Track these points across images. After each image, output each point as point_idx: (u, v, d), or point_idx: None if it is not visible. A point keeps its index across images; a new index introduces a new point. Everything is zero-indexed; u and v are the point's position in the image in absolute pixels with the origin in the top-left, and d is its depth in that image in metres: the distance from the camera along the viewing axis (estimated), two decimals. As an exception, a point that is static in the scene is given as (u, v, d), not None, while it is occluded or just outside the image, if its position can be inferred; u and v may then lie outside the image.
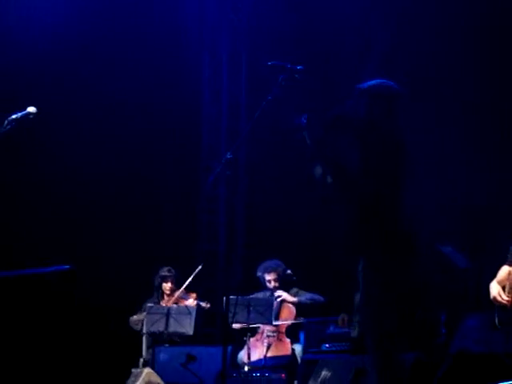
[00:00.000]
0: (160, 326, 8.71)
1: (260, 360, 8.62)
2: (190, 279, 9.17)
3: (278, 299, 8.96)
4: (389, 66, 9.05)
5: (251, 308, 8.45)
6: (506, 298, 6.22)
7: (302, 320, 8.83)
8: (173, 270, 9.47)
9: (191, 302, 9.23)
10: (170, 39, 10.42)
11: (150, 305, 8.97)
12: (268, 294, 9.09)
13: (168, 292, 9.42)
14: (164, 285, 9.45)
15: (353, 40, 9.99)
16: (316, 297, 9.06)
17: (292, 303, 9.00)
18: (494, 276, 6.45)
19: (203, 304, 9.27)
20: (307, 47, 9.94)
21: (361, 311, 5.38)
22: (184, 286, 9.21)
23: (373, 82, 5.44)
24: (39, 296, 9.21)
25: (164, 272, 9.45)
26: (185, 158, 10.91)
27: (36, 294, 9.09)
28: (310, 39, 10.23)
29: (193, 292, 9.45)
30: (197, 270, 9.16)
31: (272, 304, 8.65)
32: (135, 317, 9.17)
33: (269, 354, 8.63)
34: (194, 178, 11.05)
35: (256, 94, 10.24)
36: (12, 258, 7.58)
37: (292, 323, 8.90)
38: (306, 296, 9.09)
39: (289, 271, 9.10)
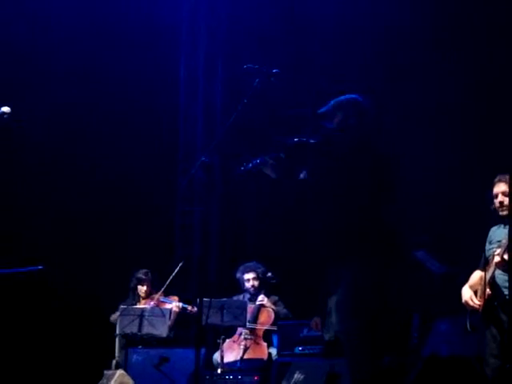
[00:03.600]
0: (133, 328, 8.65)
1: (235, 362, 8.63)
2: (170, 278, 9.08)
3: (258, 302, 8.96)
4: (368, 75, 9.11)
5: (225, 310, 8.46)
6: (478, 303, 6.25)
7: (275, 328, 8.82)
8: (149, 274, 9.41)
9: (175, 304, 9.14)
10: (146, 40, 10.40)
11: (123, 306, 8.86)
12: (247, 296, 9.09)
13: (143, 295, 9.36)
14: (139, 287, 9.38)
15: (331, 42, 10.01)
16: (289, 315, 9.09)
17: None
18: (466, 281, 6.49)
19: (189, 307, 9.20)
20: (284, 49, 9.96)
21: (340, 312, 5.38)
22: (163, 288, 9.15)
23: (341, 97, 5.52)
24: (11, 296, 9.15)
25: (140, 274, 9.38)
26: (162, 161, 10.87)
27: (8, 294, 9.03)
28: (287, 41, 10.25)
29: (174, 295, 9.39)
30: (178, 268, 9.09)
31: (246, 306, 8.65)
32: (114, 316, 9.10)
33: (245, 357, 8.66)
34: (171, 181, 11.03)
35: (232, 96, 10.28)
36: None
37: (270, 326, 8.90)
38: (283, 310, 9.11)
39: (269, 274, 9.08)
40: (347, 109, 5.50)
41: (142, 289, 9.37)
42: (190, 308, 9.16)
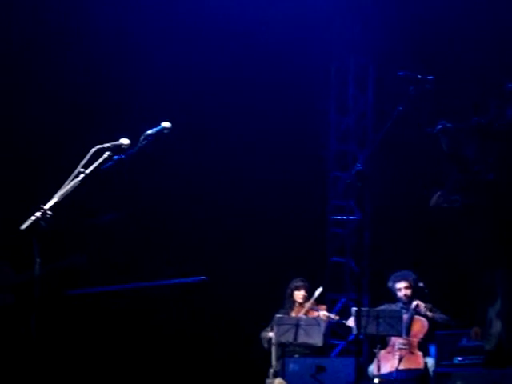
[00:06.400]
0: (289, 337, 8.72)
1: (391, 373, 8.55)
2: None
3: (413, 305, 8.86)
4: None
5: (381, 320, 8.39)
6: None
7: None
8: (306, 281, 9.50)
9: (322, 314, 9.21)
10: (297, 50, 10.45)
11: (279, 316, 8.97)
12: (399, 305, 9.00)
13: (300, 301, 9.43)
14: (296, 293, 9.47)
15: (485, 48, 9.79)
16: (449, 320, 8.92)
17: (425, 316, 8.87)
18: None
19: (333, 316, 9.26)
20: (435, 57, 9.81)
21: (504, 322, 5.26)
22: (314, 297, 9.23)
23: None
24: (174, 306, 9.40)
25: (297, 282, 9.49)
26: (312, 169, 10.93)
27: (171, 304, 9.28)
28: (438, 49, 10.10)
29: (322, 304, 9.46)
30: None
31: (401, 316, 8.56)
32: (264, 333, 9.23)
33: (400, 367, 8.55)
34: (321, 189, 11.06)
35: (383, 104, 10.20)
36: (149, 269, 7.80)
37: (425, 336, 8.79)
38: (440, 315, 8.96)
39: (421, 284, 8.96)
40: None
41: (300, 294, 9.44)
42: (333, 316, 9.23)
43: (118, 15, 9.83)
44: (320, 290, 9.27)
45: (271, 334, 9.01)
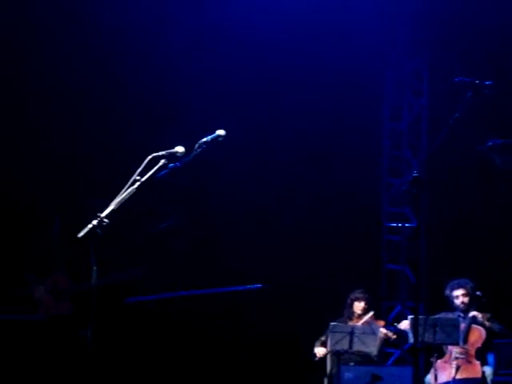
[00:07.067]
0: (344, 345, 8.66)
1: (448, 382, 8.46)
2: (369, 315, 9.19)
3: (470, 315, 8.74)
4: None
5: (438, 328, 8.28)
6: None
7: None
8: (366, 293, 9.43)
9: (380, 330, 9.04)
10: (351, 57, 10.41)
11: (333, 323, 8.90)
12: (457, 314, 8.88)
13: (360, 312, 9.35)
14: (356, 304, 9.40)
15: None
16: (507, 330, 8.76)
17: (482, 325, 8.74)
18: None
19: (390, 334, 9.09)
20: (492, 62, 9.68)
21: None
22: (371, 313, 9.19)
23: None
24: (231, 313, 9.42)
25: (358, 293, 9.42)
26: (364, 174, 10.87)
27: (228, 312, 9.31)
28: (493, 54, 9.97)
29: (381, 320, 9.40)
30: (371, 314, 9.20)
31: (459, 324, 8.45)
32: (317, 344, 9.20)
33: (458, 376, 8.45)
34: (374, 196, 10.98)
35: (437, 110, 10.11)
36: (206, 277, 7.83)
37: (482, 345, 8.65)
38: (498, 326, 8.81)
39: (478, 292, 8.82)
40: None
41: (359, 305, 9.37)
42: (390, 334, 9.08)
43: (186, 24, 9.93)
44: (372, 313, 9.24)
45: (321, 349, 8.99)
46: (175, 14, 10.03)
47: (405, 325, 8.77)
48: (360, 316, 9.33)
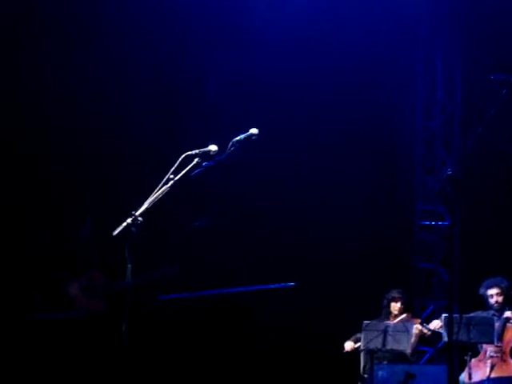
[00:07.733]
0: (377, 343, 8.63)
1: (483, 381, 8.42)
2: (400, 317, 9.18)
3: (505, 316, 8.68)
4: None
5: (472, 327, 8.23)
6: None
7: None
8: (403, 293, 9.41)
9: (415, 327, 9.04)
10: (384, 55, 10.38)
11: (366, 322, 8.87)
12: (491, 313, 8.82)
13: (396, 312, 9.33)
14: (393, 304, 9.37)
15: None
16: None
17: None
18: None
19: (425, 330, 9.08)
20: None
21: None
22: (405, 314, 9.20)
23: None
24: (264, 311, 9.44)
25: (394, 293, 9.40)
26: (398, 173, 10.82)
27: (261, 310, 9.33)
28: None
29: (417, 318, 9.39)
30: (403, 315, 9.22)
31: (493, 323, 8.39)
32: (348, 343, 9.20)
33: (492, 375, 8.42)
34: (408, 194, 10.94)
35: (470, 108, 10.06)
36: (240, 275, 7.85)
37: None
38: None
39: None
40: None
41: (396, 306, 9.34)
42: (425, 331, 9.07)
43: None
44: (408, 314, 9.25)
45: (349, 344, 8.97)
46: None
47: (435, 324, 8.75)
48: (396, 316, 9.31)
